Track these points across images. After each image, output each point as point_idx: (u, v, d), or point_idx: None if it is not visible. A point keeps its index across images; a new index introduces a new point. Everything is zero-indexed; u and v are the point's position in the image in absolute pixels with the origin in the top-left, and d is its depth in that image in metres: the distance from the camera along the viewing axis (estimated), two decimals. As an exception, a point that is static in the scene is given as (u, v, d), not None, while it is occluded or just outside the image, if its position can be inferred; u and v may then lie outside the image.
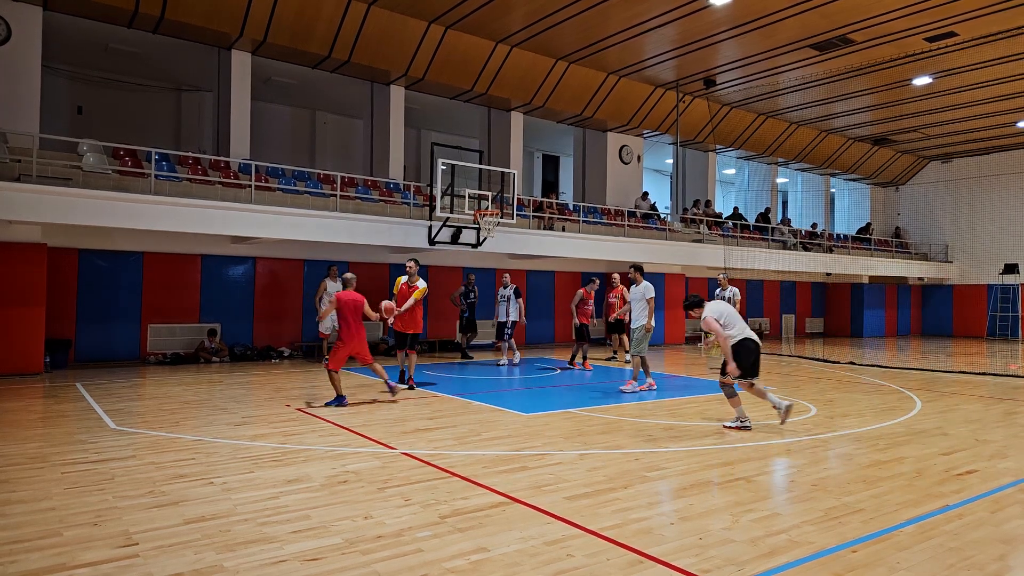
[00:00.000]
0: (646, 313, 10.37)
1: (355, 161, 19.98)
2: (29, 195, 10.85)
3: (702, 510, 4.74)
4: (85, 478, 5.31)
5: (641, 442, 6.88)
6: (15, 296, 11.45)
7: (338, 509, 4.65)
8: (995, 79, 18.81)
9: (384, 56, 15.91)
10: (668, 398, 10.13)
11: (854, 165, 27.31)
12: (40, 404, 8.85)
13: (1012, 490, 5.39)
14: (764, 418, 8.36)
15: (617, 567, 3.74)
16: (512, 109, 19.27)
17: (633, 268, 10.71)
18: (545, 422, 7.89)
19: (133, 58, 16.14)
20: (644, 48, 17.04)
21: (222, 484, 5.20)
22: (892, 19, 15.06)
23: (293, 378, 11.69)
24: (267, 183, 14.45)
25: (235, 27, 14.14)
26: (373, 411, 8.50)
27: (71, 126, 16.53)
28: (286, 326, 15.62)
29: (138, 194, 11.91)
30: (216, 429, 7.28)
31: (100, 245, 13.59)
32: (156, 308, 14.17)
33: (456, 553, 3.90)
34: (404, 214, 15.36)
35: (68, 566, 3.65)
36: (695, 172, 24.79)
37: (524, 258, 17.90)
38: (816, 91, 20.20)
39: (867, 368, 14.59)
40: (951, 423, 8.21)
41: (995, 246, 26.88)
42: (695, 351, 18.88)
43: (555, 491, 5.12)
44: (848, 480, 5.57)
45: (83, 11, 13.22)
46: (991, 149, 26.60)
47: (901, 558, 3.93)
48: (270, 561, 3.75)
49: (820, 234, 25.51)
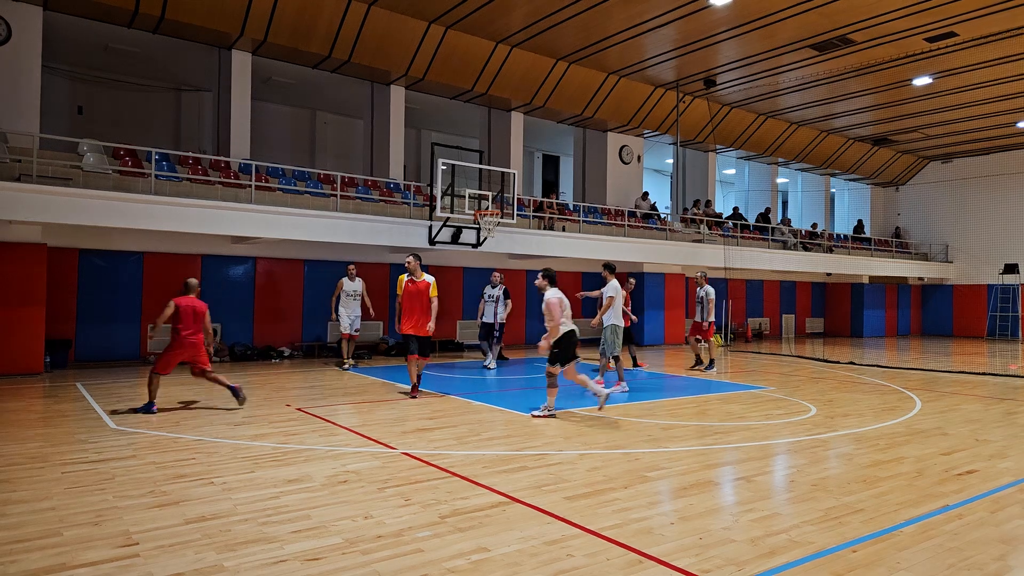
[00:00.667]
0: (612, 313, 10.33)
1: (355, 161, 19.99)
2: (29, 195, 10.85)
3: (702, 510, 4.74)
4: (85, 478, 5.31)
5: (641, 442, 6.88)
6: (15, 296, 11.45)
7: (338, 509, 4.65)
8: (995, 79, 18.81)
9: (384, 56, 15.91)
10: (668, 398, 10.13)
11: (854, 165, 27.32)
12: (40, 404, 8.85)
13: (1012, 490, 5.39)
14: (763, 418, 8.37)
15: (617, 567, 3.74)
16: (512, 109, 19.27)
17: (604, 267, 10.67)
18: (545, 422, 7.89)
19: (133, 58, 16.14)
20: (644, 48, 17.05)
21: (222, 484, 5.20)
22: (892, 19, 15.06)
23: (293, 378, 11.69)
24: (267, 183, 14.45)
25: (235, 27, 14.14)
26: (373, 411, 8.50)
27: (71, 126, 16.54)
28: (286, 326, 15.61)
29: (138, 194, 11.91)
30: (216, 429, 7.28)
31: (100, 245, 13.59)
32: (156, 308, 14.10)
33: (456, 553, 3.90)
34: (404, 214, 15.37)
35: (68, 566, 3.65)
36: (695, 172, 24.80)
37: (524, 258, 17.90)
38: (816, 91, 20.21)
39: (867, 368, 14.59)
40: (951, 423, 8.21)
41: (995, 246, 26.89)
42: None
43: (555, 491, 5.12)
44: (848, 480, 5.57)
45: (83, 11, 13.22)
46: (991, 149, 26.60)
47: (901, 558, 3.94)
48: (270, 561, 3.75)
49: (820, 234, 25.51)
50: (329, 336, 16.04)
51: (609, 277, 10.52)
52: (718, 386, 11.44)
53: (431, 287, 9.67)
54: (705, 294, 13.58)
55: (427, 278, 9.73)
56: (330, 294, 14.08)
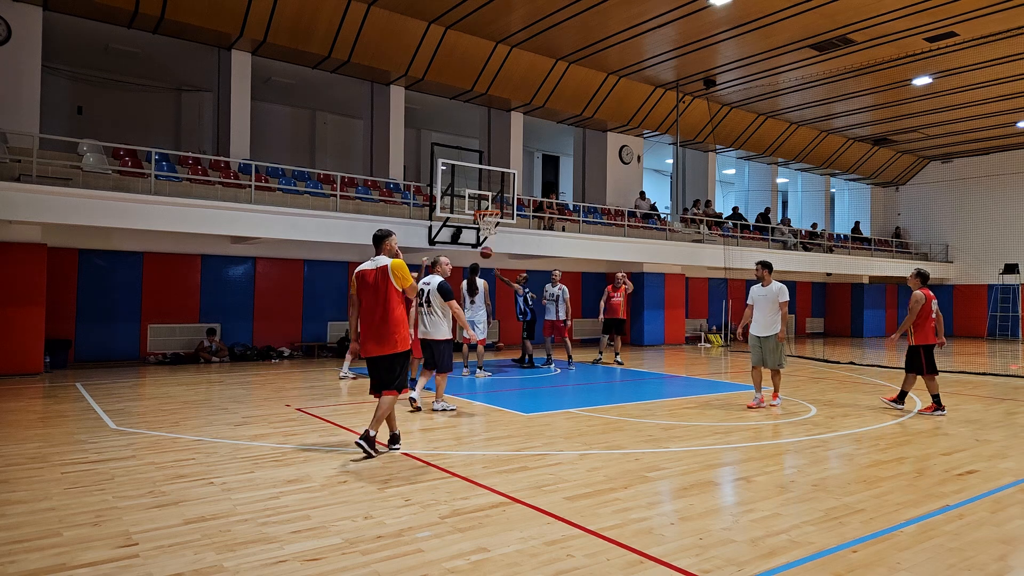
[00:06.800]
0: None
1: (355, 161, 20.00)
2: (29, 195, 10.85)
3: (702, 510, 4.73)
4: (85, 478, 5.31)
5: (641, 442, 6.88)
6: (15, 296, 11.45)
7: (338, 509, 4.64)
8: (995, 79, 18.81)
9: (384, 56, 15.91)
10: (668, 398, 10.13)
11: (854, 165, 27.32)
12: (40, 404, 8.85)
13: (1012, 490, 5.38)
14: (765, 418, 8.36)
15: (617, 567, 3.74)
16: (512, 109, 19.27)
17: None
18: (545, 422, 7.88)
19: (133, 58, 16.14)
20: (644, 48, 17.05)
21: (222, 484, 5.19)
22: (892, 19, 15.06)
23: (293, 378, 11.68)
24: (267, 183, 14.45)
25: (235, 27, 14.14)
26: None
27: (71, 126, 16.54)
28: (286, 326, 15.61)
29: (138, 194, 11.91)
30: (216, 429, 7.27)
31: (100, 245, 13.59)
32: (156, 308, 14.17)
33: (456, 553, 3.90)
34: (404, 214, 15.37)
35: (68, 566, 3.65)
36: (695, 172, 24.80)
37: (524, 258, 17.90)
38: (816, 91, 20.20)
39: (867, 368, 14.58)
40: (951, 423, 8.21)
41: (995, 246, 26.88)
42: (695, 351, 18.88)
43: (555, 491, 5.11)
44: (848, 480, 5.57)
45: (83, 11, 13.22)
46: (991, 149, 26.60)
47: (901, 558, 3.93)
48: (270, 561, 3.75)
49: (820, 234, 25.51)
50: (329, 336, 16.04)
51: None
52: (718, 386, 11.44)
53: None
54: (561, 291, 13.51)
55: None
56: (331, 294, 14.10)
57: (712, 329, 22.91)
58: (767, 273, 9.22)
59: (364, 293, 6.17)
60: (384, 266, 6.12)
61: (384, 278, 6.09)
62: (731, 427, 7.73)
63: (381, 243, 6.29)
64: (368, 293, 6.13)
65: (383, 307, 6.06)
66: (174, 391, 9.97)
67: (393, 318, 6.07)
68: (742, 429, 7.63)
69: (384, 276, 6.09)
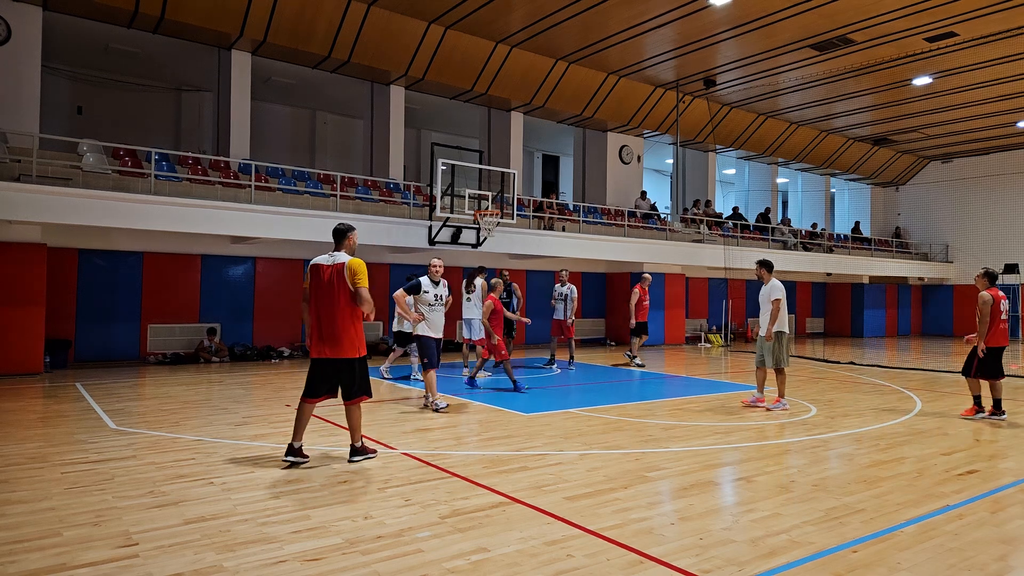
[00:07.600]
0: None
1: (355, 161, 19.99)
2: (29, 195, 10.85)
3: (702, 510, 4.73)
4: (85, 478, 5.31)
5: (641, 442, 6.88)
6: (15, 296, 11.45)
7: (338, 509, 4.64)
8: (995, 79, 18.81)
9: (384, 56, 15.91)
10: (668, 398, 10.13)
11: (854, 165, 27.32)
12: (40, 404, 8.84)
13: (1013, 490, 5.38)
14: (765, 418, 8.36)
15: (617, 567, 3.74)
16: (512, 109, 19.27)
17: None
18: (545, 422, 7.88)
19: (133, 58, 16.14)
20: (644, 48, 17.05)
21: (222, 484, 5.19)
22: (892, 19, 15.06)
23: (293, 378, 11.67)
24: (267, 183, 14.45)
25: (235, 27, 14.14)
26: (373, 411, 8.49)
27: (71, 126, 16.53)
28: (286, 326, 15.60)
29: (138, 194, 11.92)
30: (216, 429, 7.27)
31: (100, 245, 13.58)
32: (156, 308, 14.17)
33: (456, 553, 3.90)
34: (404, 214, 15.36)
35: (68, 566, 3.65)
36: (695, 172, 24.80)
37: (524, 258, 17.90)
38: (816, 91, 20.20)
39: (867, 368, 14.58)
40: (951, 423, 8.21)
41: (995, 246, 26.87)
42: (695, 351, 18.88)
43: (555, 491, 5.11)
44: (849, 480, 5.57)
45: (83, 11, 13.22)
46: (991, 149, 26.60)
47: (902, 558, 3.93)
48: (270, 561, 3.75)
49: (820, 234, 25.51)
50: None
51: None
52: (718, 386, 11.45)
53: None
54: (569, 291, 13.48)
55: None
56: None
57: (712, 329, 22.91)
58: (765, 272, 9.26)
59: (317, 290, 5.77)
60: (341, 264, 5.73)
61: (339, 277, 5.71)
62: (731, 427, 7.73)
63: (343, 238, 5.89)
64: (322, 290, 5.73)
65: (336, 307, 5.70)
66: (174, 391, 9.97)
67: (345, 320, 5.72)
68: (742, 429, 7.63)
69: (339, 275, 5.71)
